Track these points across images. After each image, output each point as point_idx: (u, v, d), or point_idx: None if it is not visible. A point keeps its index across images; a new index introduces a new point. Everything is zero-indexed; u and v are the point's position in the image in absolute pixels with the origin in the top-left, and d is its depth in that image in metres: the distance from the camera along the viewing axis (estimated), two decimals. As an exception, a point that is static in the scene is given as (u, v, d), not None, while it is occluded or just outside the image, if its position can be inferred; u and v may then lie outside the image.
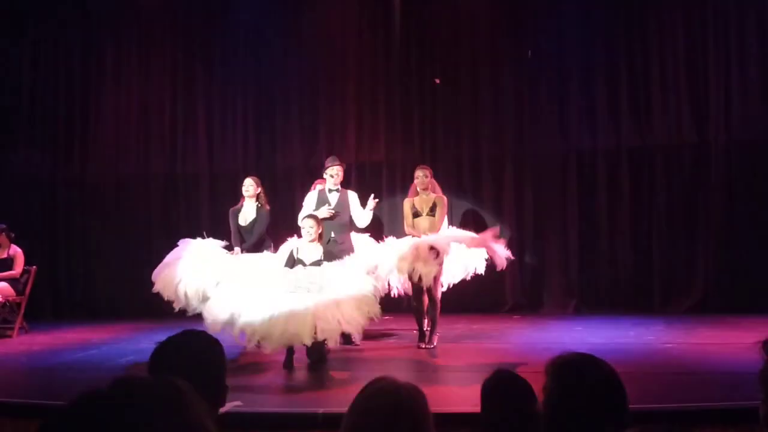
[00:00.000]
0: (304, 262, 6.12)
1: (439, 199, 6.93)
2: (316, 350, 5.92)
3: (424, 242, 6.40)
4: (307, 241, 6.22)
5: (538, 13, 9.21)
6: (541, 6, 9.25)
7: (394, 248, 6.53)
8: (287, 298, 5.67)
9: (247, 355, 6.31)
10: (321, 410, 4.38)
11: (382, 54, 9.51)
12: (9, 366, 6.42)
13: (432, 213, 6.86)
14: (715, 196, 8.63)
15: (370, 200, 6.92)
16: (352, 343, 6.41)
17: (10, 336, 7.97)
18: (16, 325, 8.08)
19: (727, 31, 8.73)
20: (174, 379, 1.08)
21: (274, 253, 6.75)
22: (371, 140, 9.50)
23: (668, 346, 6.53)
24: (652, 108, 8.88)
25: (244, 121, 9.81)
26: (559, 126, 9.07)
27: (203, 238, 6.63)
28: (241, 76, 9.75)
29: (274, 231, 7.25)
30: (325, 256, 6.15)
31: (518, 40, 9.18)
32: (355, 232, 7.24)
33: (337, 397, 4.74)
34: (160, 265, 6.45)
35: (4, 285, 8.06)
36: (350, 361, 6.23)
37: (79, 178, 9.94)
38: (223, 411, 2.02)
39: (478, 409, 2.47)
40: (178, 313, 6.29)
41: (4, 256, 8.20)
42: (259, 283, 5.86)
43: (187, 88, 9.89)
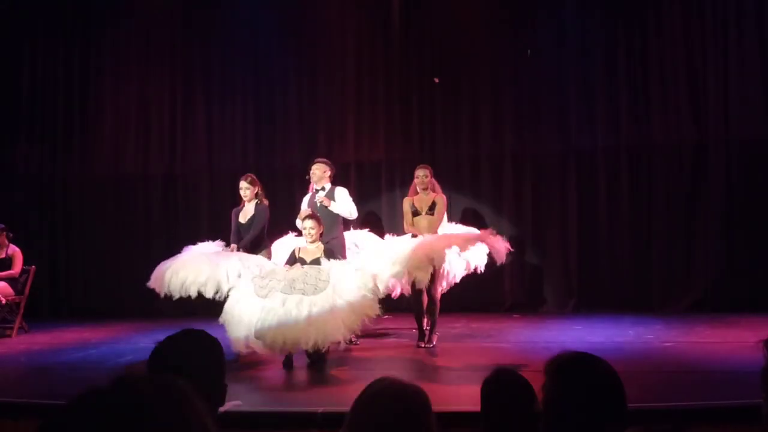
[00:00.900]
0: (305, 260, 6.17)
1: (439, 199, 6.92)
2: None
3: (422, 251, 6.32)
4: (308, 242, 6.27)
5: (538, 11, 9.21)
6: (540, 4, 9.25)
7: (391, 253, 6.45)
8: (283, 306, 5.61)
9: (247, 355, 6.32)
10: (320, 409, 4.38)
11: (382, 53, 9.49)
12: (8, 366, 6.43)
13: (431, 212, 6.85)
14: (714, 195, 8.63)
15: (319, 194, 6.90)
16: (352, 341, 6.43)
17: (10, 336, 7.97)
18: (16, 325, 8.08)
19: (726, 29, 8.71)
20: (174, 378, 1.08)
21: (268, 256, 6.75)
22: (370, 139, 9.48)
23: (667, 344, 6.53)
24: (652, 107, 8.87)
25: (243, 120, 9.80)
26: (559, 124, 9.06)
27: (203, 242, 6.69)
28: (241, 76, 9.75)
29: (272, 231, 7.23)
30: (325, 254, 6.19)
31: (518, 39, 9.17)
32: (353, 229, 7.25)
33: (337, 396, 4.74)
34: (157, 269, 6.48)
35: (3, 284, 8.06)
36: (350, 360, 6.23)
37: (78, 178, 9.93)
38: (222, 410, 2.02)
39: (478, 409, 2.47)
40: (178, 312, 6.29)
41: (3, 256, 8.19)
42: (256, 287, 5.82)
43: (187, 88, 9.88)
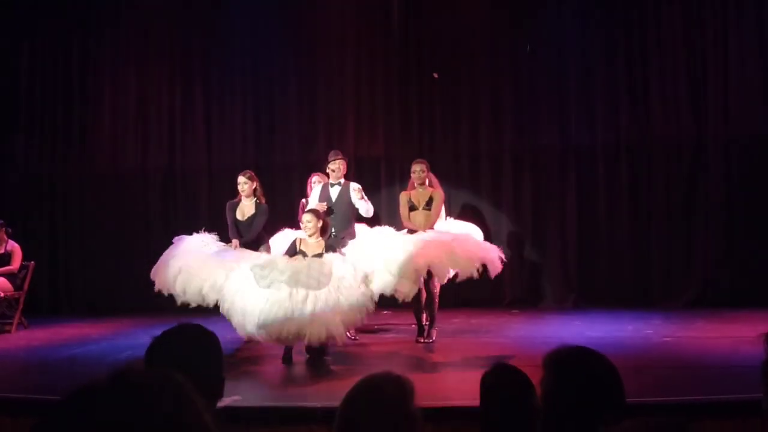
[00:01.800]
0: (306, 254, 6.13)
1: (436, 194, 6.89)
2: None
3: (422, 260, 6.12)
4: (307, 236, 6.25)
5: (537, 7, 9.19)
6: (540, 1, 9.23)
7: (386, 255, 6.13)
8: (290, 299, 5.60)
9: (246, 349, 6.32)
10: (320, 405, 4.39)
11: (381, 48, 9.47)
12: (8, 361, 6.43)
13: (428, 207, 6.83)
14: (713, 190, 8.63)
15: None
16: (350, 338, 6.44)
17: (9, 331, 7.97)
18: (15, 321, 8.07)
19: (726, 26, 8.71)
20: (171, 373, 1.08)
21: (268, 252, 6.73)
22: (370, 135, 9.47)
23: (666, 339, 6.54)
24: (651, 103, 8.87)
25: (242, 115, 9.78)
26: (558, 120, 9.06)
27: (199, 233, 6.62)
28: (240, 71, 9.73)
29: (271, 227, 7.21)
30: (327, 250, 6.14)
31: (517, 35, 9.16)
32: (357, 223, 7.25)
33: (336, 392, 4.70)
34: (158, 263, 6.45)
35: (2, 280, 8.04)
36: (349, 355, 6.24)
37: (77, 173, 9.91)
38: (221, 405, 2.02)
39: (477, 403, 2.47)
40: (178, 307, 6.28)
41: (2, 252, 8.18)
42: (257, 276, 5.80)
43: (186, 83, 9.85)
